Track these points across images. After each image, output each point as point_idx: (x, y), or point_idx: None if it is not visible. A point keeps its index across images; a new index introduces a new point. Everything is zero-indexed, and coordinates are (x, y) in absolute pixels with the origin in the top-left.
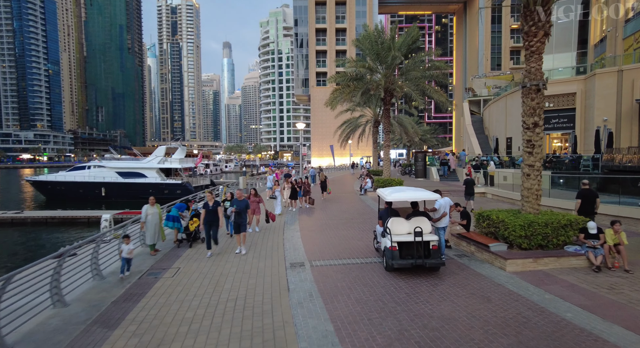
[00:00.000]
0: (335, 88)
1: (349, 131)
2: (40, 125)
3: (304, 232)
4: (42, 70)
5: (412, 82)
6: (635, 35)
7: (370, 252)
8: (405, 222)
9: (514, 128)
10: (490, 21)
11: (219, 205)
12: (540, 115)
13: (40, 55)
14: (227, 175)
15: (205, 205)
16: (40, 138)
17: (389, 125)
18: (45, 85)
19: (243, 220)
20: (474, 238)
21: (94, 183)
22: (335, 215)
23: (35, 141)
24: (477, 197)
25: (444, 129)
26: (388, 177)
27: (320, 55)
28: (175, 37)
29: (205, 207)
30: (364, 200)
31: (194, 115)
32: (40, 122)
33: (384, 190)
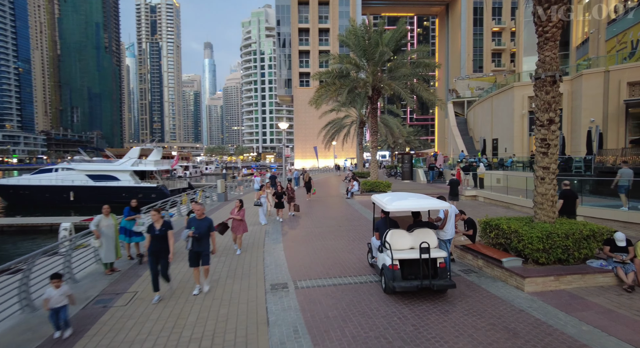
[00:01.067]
0: (320, 86)
1: (333, 132)
2: (10, 125)
3: (287, 243)
4: (11, 69)
5: (401, 80)
6: (618, 37)
7: (364, 268)
8: (407, 234)
9: (500, 129)
10: (472, 24)
11: (169, 228)
12: (556, 111)
13: (10, 52)
14: (208, 177)
15: (151, 229)
16: (9, 139)
17: (375, 125)
18: (15, 84)
19: (204, 249)
20: (482, 251)
21: (62, 187)
22: (321, 222)
23: (4, 142)
24: (468, 200)
25: (425, 130)
26: (375, 180)
27: (304, 55)
28: (154, 37)
29: (150, 232)
30: (351, 204)
31: (174, 116)
32: (10, 122)
33: (380, 197)
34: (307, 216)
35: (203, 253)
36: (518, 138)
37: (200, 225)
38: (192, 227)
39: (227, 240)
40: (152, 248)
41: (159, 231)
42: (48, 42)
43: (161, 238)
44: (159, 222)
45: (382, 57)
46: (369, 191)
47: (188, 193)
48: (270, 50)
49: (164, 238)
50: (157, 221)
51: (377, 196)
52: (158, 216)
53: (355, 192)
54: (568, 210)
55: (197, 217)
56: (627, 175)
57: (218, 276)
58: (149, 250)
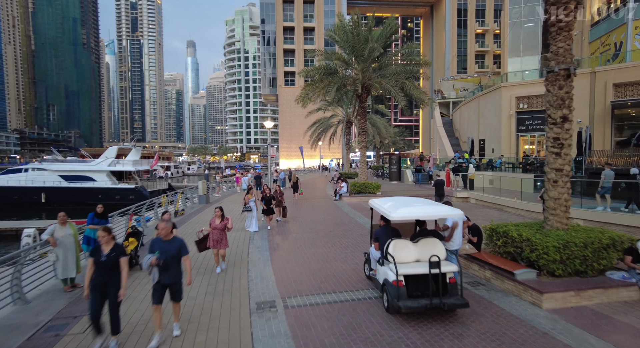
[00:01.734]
0: (306, 84)
1: (320, 131)
2: None
3: (274, 251)
4: None
5: (391, 77)
6: (601, 39)
7: (361, 280)
8: (411, 245)
9: (487, 130)
10: (456, 25)
11: (121, 254)
12: (569, 107)
13: None
14: (190, 178)
15: (95, 253)
16: None
17: (364, 124)
18: None
19: (174, 280)
20: (490, 260)
21: (32, 188)
22: (310, 226)
23: None
24: (459, 202)
25: (410, 131)
26: (365, 181)
27: (288, 54)
28: (135, 34)
29: (94, 256)
30: (340, 206)
31: (156, 115)
32: None
33: (381, 203)
34: (295, 220)
35: (172, 287)
36: (506, 138)
37: (168, 249)
38: (155, 251)
39: None
40: (96, 281)
41: (107, 257)
42: (21, 36)
43: (109, 267)
44: (108, 244)
45: (372, 53)
46: (358, 193)
47: (168, 195)
48: (255, 49)
49: (113, 267)
50: (106, 243)
51: (377, 201)
52: (107, 237)
53: (344, 194)
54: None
55: (163, 237)
56: (610, 176)
57: (196, 293)
58: (92, 282)
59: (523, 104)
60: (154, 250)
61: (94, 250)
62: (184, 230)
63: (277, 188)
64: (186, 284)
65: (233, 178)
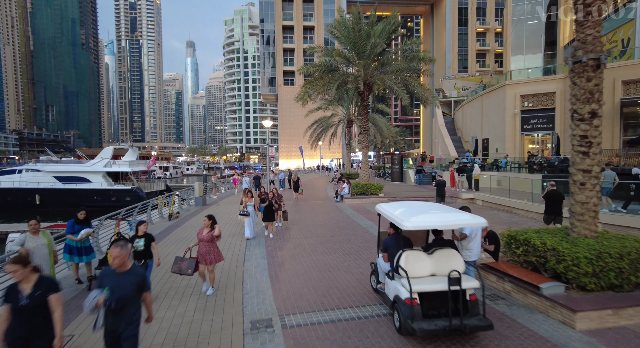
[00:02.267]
0: (306, 81)
1: (320, 131)
2: None
3: (272, 259)
4: None
5: (394, 74)
6: (608, 36)
7: (368, 294)
8: (425, 257)
9: (490, 129)
10: (457, 24)
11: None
12: (599, 101)
13: None
14: (189, 178)
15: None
16: None
17: (366, 123)
18: None
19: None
20: (509, 271)
21: (26, 189)
22: (310, 230)
23: None
24: (465, 203)
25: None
26: (367, 182)
27: (288, 53)
28: (134, 34)
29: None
30: (341, 208)
31: (155, 115)
32: None
33: (390, 208)
34: (295, 224)
35: (124, 335)
36: (510, 138)
37: (122, 284)
38: (104, 287)
39: None
40: (14, 334)
41: (28, 299)
42: (20, 37)
43: (33, 312)
44: (28, 280)
45: (375, 49)
46: (360, 194)
47: (164, 197)
48: (254, 48)
49: (38, 311)
50: (25, 279)
51: (385, 207)
52: (23, 271)
53: (346, 195)
54: (553, 212)
55: (116, 268)
56: (609, 177)
57: (184, 308)
58: (6, 334)
59: (528, 102)
60: (103, 286)
61: (8, 293)
62: (177, 236)
63: (274, 191)
64: (147, 321)
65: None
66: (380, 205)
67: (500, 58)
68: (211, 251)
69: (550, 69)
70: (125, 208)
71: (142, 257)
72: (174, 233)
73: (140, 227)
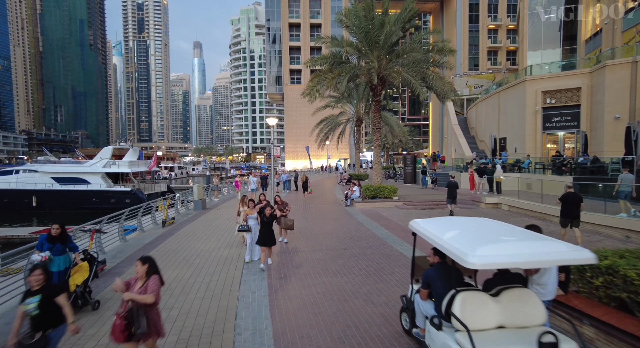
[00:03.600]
0: (314, 75)
1: (327, 130)
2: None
3: (274, 281)
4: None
5: (411, 67)
6: (637, 27)
7: (397, 337)
8: (489, 301)
9: (508, 127)
10: (468, 21)
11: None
12: None
13: None
14: (195, 178)
15: None
16: None
17: (379, 121)
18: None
19: None
20: (592, 312)
21: (23, 191)
22: (319, 241)
23: None
24: (488, 208)
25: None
26: (379, 184)
27: (294, 51)
28: (142, 35)
29: None
30: (352, 214)
31: (162, 115)
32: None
33: (435, 227)
34: (301, 233)
35: None
36: (530, 136)
37: None
38: None
39: (186, 271)
40: None
41: None
42: (30, 38)
43: None
44: None
45: (390, 38)
46: (372, 197)
47: (165, 198)
48: (260, 48)
49: None
50: None
51: (427, 226)
52: None
53: (356, 199)
54: (570, 215)
55: None
56: (627, 180)
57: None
58: None
59: (550, 98)
60: None
61: None
62: (168, 247)
63: (277, 198)
64: None
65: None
66: (417, 222)
67: (513, 55)
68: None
69: (575, 63)
70: (107, 217)
71: (41, 325)
72: (165, 243)
73: (34, 275)
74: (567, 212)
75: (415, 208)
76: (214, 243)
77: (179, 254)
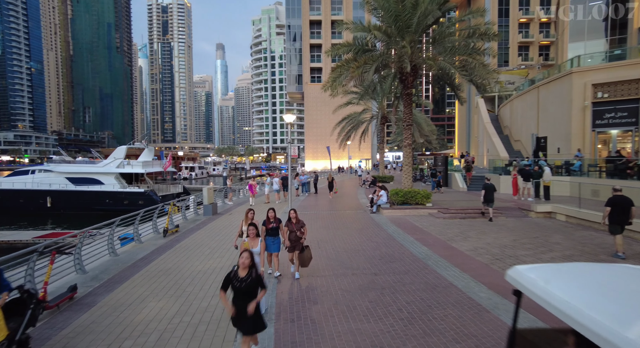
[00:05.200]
0: (336, 65)
1: (349, 128)
2: (22, 125)
3: (282, 325)
4: (24, 69)
5: (449, 53)
6: None
7: None
8: None
9: (550, 125)
10: (497, 14)
11: None
12: None
13: (22, 53)
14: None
15: None
16: (21, 139)
17: (410, 116)
18: (27, 85)
19: None
20: None
21: (38, 191)
22: (343, 261)
23: (16, 142)
24: (539, 217)
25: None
26: (410, 188)
27: (315, 49)
28: (166, 37)
29: None
30: (380, 223)
31: (185, 116)
32: (22, 122)
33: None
34: (321, 247)
35: None
36: (577, 135)
37: None
38: None
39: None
40: None
41: None
42: (61, 42)
43: None
44: None
45: (424, 21)
46: (402, 203)
47: (179, 201)
48: (281, 48)
49: None
50: None
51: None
52: None
53: (383, 205)
54: (619, 220)
55: None
56: None
57: None
58: None
59: (603, 92)
60: None
61: None
62: (161, 265)
63: (291, 214)
64: None
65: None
66: (522, 273)
67: (546, 50)
68: None
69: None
70: (94, 227)
71: None
72: (159, 260)
73: None
74: (617, 218)
75: (453, 218)
76: (216, 262)
77: (171, 277)
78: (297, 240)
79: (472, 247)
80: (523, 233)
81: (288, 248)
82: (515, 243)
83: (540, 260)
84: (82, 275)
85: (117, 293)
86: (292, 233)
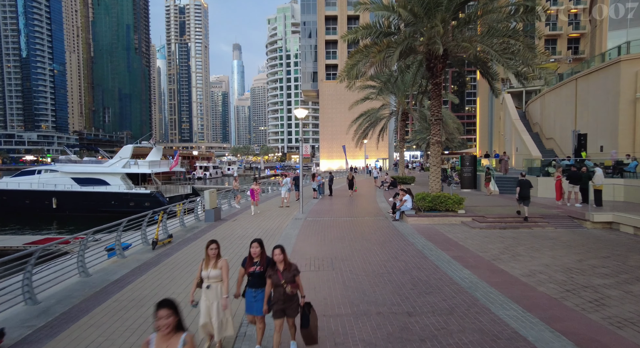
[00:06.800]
0: (355, 50)
1: (367, 126)
2: (45, 126)
3: None
4: (47, 71)
5: (488, 35)
6: None
7: None
8: None
9: (591, 121)
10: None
11: None
12: None
13: (46, 55)
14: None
15: None
16: (44, 139)
17: (439, 109)
18: (50, 86)
19: None
20: None
21: (43, 192)
22: (365, 291)
23: (39, 142)
24: (597, 229)
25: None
26: (439, 192)
27: (330, 45)
28: (183, 38)
29: None
30: (404, 234)
31: (202, 116)
32: (45, 123)
33: None
34: (335, 267)
35: None
36: (626, 132)
37: None
38: None
39: None
40: None
41: None
42: (82, 44)
43: None
44: None
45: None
46: (429, 210)
47: (185, 202)
48: (296, 47)
49: None
50: None
51: None
52: None
53: (408, 212)
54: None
55: None
56: None
57: None
58: None
59: None
60: None
61: None
62: (132, 293)
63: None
64: None
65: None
66: None
67: (575, 43)
68: None
69: None
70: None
71: None
72: (135, 284)
73: None
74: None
75: (492, 228)
76: None
77: (143, 309)
78: (287, 300)
79: (528, 270)
80: (587, 251)
81: (274, 312)
82: (583, 265)
83: (631, 294)
84: (31, 306)
85: (60, 340)
86: (279, 289)
